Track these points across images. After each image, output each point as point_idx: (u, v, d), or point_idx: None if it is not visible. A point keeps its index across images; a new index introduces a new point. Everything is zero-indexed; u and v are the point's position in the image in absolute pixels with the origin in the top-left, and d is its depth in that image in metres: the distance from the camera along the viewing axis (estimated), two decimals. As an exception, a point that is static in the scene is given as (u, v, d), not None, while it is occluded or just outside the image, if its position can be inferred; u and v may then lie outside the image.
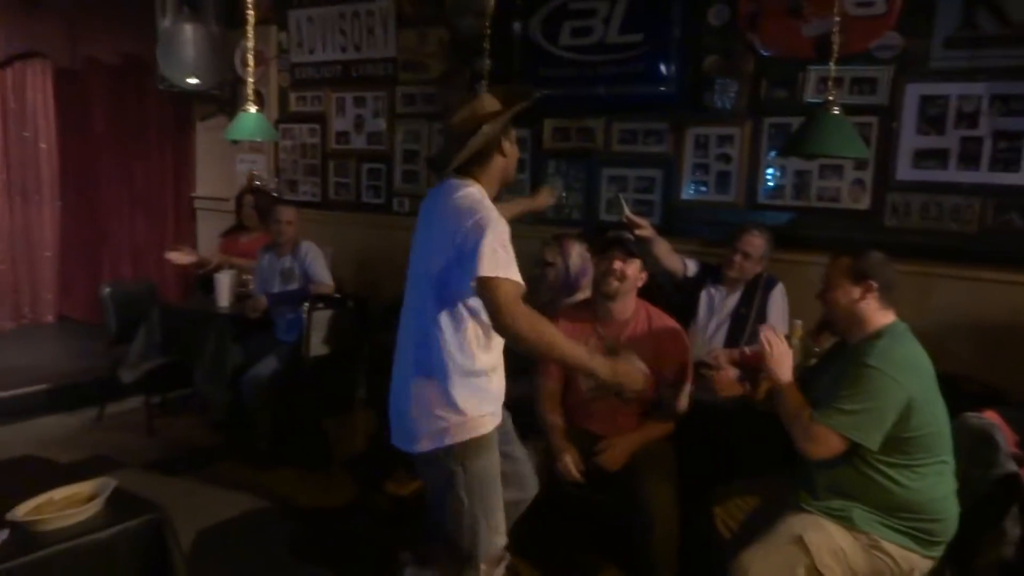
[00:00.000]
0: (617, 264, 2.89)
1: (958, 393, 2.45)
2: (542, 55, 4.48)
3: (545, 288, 3.52)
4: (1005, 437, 2.38)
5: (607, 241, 2.99)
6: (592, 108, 4.38)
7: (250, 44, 4.22)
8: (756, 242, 3.42)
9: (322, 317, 4.24)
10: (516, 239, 2.12)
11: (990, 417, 2.46)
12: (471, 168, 2.21)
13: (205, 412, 4.69)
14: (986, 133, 3.31)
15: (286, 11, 5.55)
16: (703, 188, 4.09)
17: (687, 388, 2.92)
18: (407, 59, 5.07)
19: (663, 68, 4.07)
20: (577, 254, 3.54)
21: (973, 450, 2.35)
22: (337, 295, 4.41)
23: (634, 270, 2.92)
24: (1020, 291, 3.21)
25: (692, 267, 3.62)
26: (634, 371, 2.17)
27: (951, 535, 2.24)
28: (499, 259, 2.01)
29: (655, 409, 2.94)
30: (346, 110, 5.41)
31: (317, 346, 4.22)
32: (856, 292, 2.31)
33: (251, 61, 4.25)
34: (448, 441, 2.16)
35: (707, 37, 3.96)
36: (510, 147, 2.26)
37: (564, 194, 4.41)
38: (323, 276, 4.39)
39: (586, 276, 3.44)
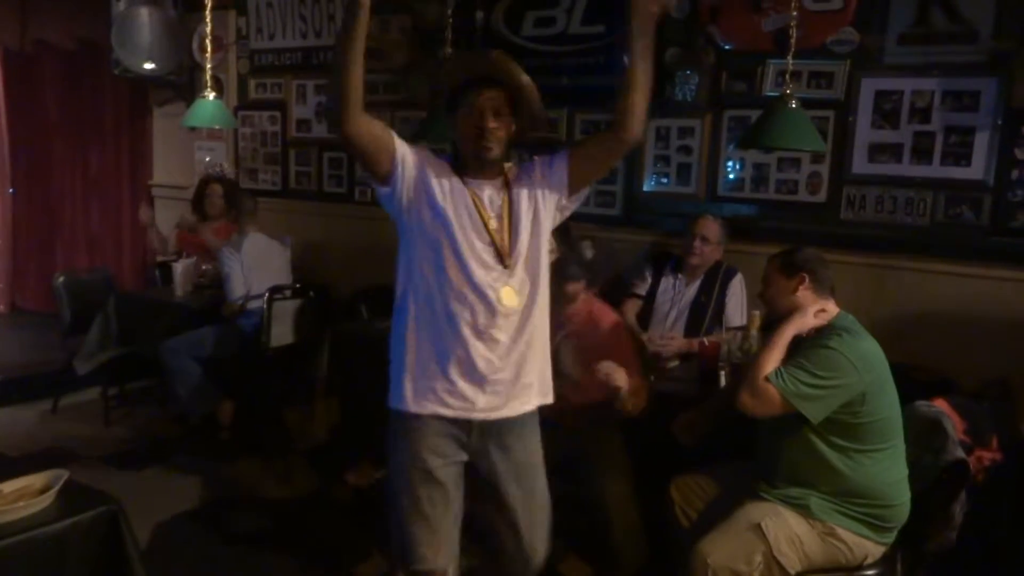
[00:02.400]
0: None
1: (909, 382, 2.49)
2: (505, 45, 4.46)
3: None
4: (954, 425, 2.44)
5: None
6: (556, 99, 4.37)
7: (208, 29, 4.15)
8: (712, 226, 3.48)
9: (284, 307, 4.20)
10: None
11: (939, 405, 2.52)
12: None
13: (164, 403, 4.62)
14: (938, 128, 3.37)
15: (245, -4, 5.46)
16: (664, 180, 4.12)
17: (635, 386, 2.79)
18: (369, 47, 4.88)
19: (624, 60, 4.07)
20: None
21: (923, 437, 2.41)
22: (298, 285, 4.37)
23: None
24: (969, 283, 3.28)
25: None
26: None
27: (903, 520, 2.30)
28: None
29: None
30: (307, 97, 5.34)
31: (278, 336, 4.18)
32: (791, 285, 2.39)
33: (209, 46, 4.18)
34: None
35: (668, 29, 3.96)
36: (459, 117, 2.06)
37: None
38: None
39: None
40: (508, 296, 2.01)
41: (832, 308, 2.38)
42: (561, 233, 2.98)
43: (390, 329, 2.14)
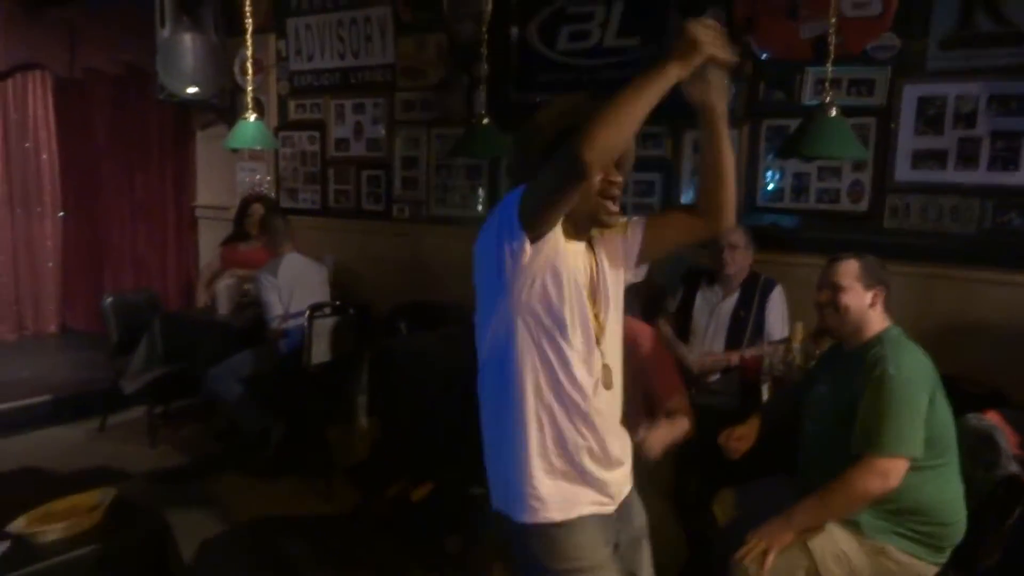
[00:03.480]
0: None
1: (959, 394, 2.43)
2: (540, 60, 4.51)
3: None
4: (1007, 438, 2.37)
5: None
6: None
7: (249, 52, 4.24)
8: (736, 232, 3.43)
9: (323, 325, 4.25)
10: None
11: (991, 418, 2.46)
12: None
13: (209, 421, 4.70)
14: (984, 133, 3.30)
15: (284, 19, 5.57)
16: (702, 191, 4.08)
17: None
18: (406, 65, 5.08)
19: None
20: None
21: (975, 452, 2.35)
22: (338, 303, 4.41)
23: None
24: (1019, 292, 3.21)
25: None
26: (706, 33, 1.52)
27: (958, 540, 2.23)
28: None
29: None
30: (345, 117, 5.42)
31: (319, 354, 4.23)
32: (868, 297, 2.33)
33: (250, 69, 4.27)
34: None
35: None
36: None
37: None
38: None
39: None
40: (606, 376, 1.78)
41: (887, 321, 2.34)
42: None
43: (480, 413, 1.85)
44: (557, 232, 1.64)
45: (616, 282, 1.82)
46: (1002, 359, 3.14)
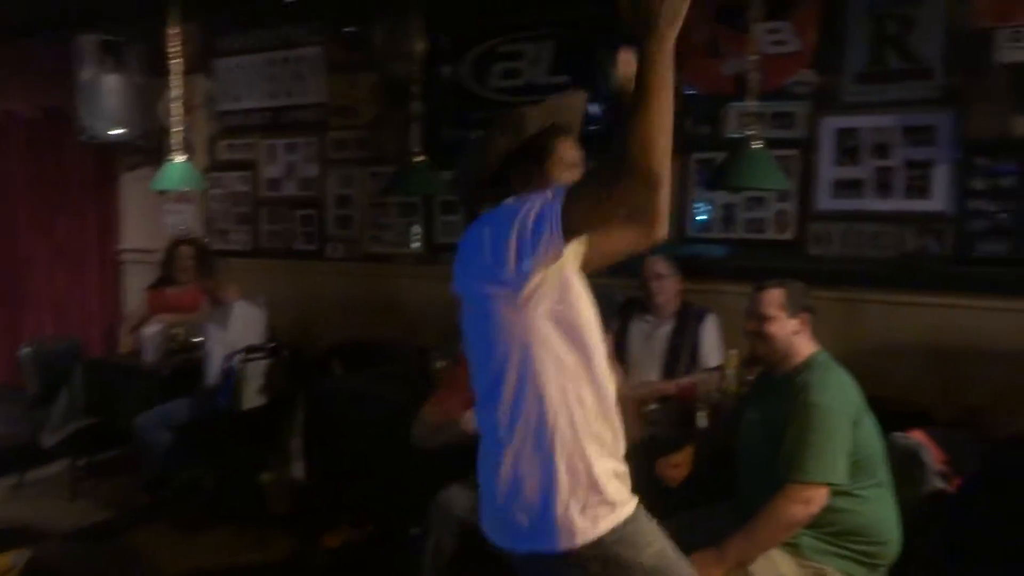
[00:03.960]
0: None
1: (885, 414, 2.51)
2: (473, 97, 4.57)
3: None
4: (931, 455, 2.45)
5: None
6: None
7: (175, 93, 4.19)
8: (658, 262, 3.49)
9: (256, 368, 4.16)
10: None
11: (917, 437, 2.54)
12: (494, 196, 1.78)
13: (136, 472, 4.52)
14: (898, 163, 3.46)
15: (212, 59, 5.53)
16: (634, 224, 4.16)
17: None
18: (338, 104, 5.08)
19: (591, 108, 4.16)
20: None
21: (902, 470, 2.42)
22: (271, 344, 4.33)
23: None
24: (937, 313, 3.34)
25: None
26: None
27: (894, 557, 2.29)
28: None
29: None
30: (277, 156, 5.38)
31: (251, 398, 4.13)
32: (793, 324, 2.39)
33: (177, 110, 4.22)
34: None
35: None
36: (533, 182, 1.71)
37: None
38: None
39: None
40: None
41: (814, 346, 2.41)
42: None
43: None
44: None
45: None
46: (924, 378, 3.26)
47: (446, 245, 4.72)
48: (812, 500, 2.18)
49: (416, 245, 4.84)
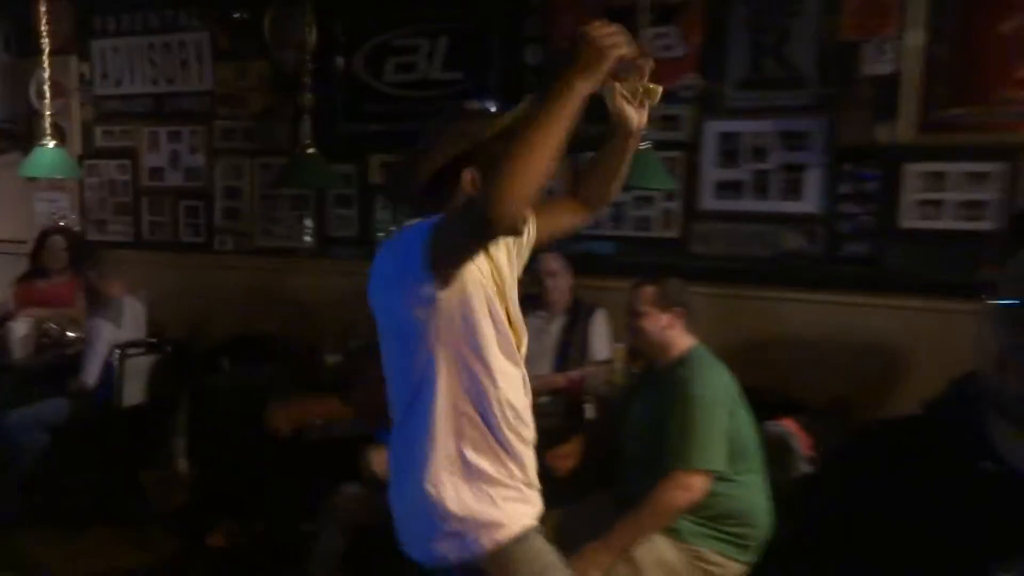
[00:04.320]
0: None
1: (760, 404, 2.65)
2: (367, 90, 4.52)
3: None
4: (800, 442, 2.62)
5: None
6: (418, 143, 4.43)
7: (47, 74, 3.99)
8: (551, 259, 3.57)
9: (136, 364, 4.02)
10: (350, 275, 2.04)
11: (787, 425, 2.70)
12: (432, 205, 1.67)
13: (6, 473, 4.27)
14: (774, 166, 3.65)
15: (88, 40, 5.26)
16: (528, 220, 4.23)
17: None
18: (225, 93, 4.93)
19: (487, 104, 4.21)
20: None
21: (773, 456, 2.57)
22: (153, 340, 4.19)
23: None
24: (809, 308, 3.52)
25: None
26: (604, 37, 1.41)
27: (766, 538, 2.42)
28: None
29: None
30: (160, 145, 5.18)
31: (131, 395, 3.99)
32: (664, 320, 2.49)
33: (48, 93, 4.01)
34: None
35: (525, 75, 4.13)
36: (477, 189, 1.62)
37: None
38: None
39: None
40: None
41: (692, 340, 2.52)
42: None
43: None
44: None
45: (515, 270, 1.76)
46: (796, 370, 3.42)
47: (339, 239, 4.67)
48: (693, 486, 2.30)
49: (308, 239, 4.76)
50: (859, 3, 3.44)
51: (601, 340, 3.56)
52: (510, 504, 1.66)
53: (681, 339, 2.50)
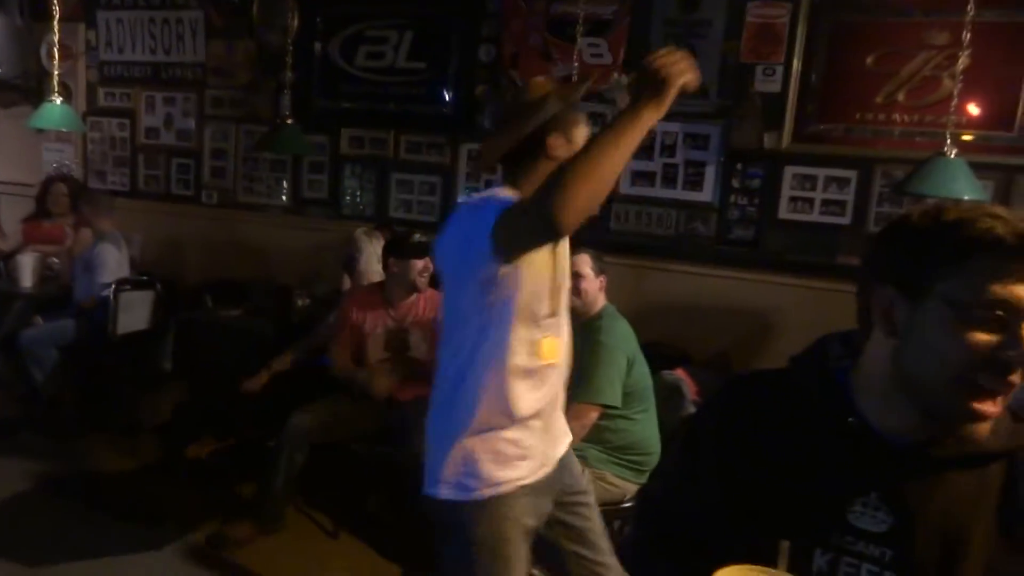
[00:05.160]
0: (424, 263, 2.82)
1: (657, 356, 2.68)
2: (341, 72, 4.34)
3: (357, 272, 3.40)
4: (689, 388, 2.65)
5: (411, 247, 2.86)
6: (384, 121, 4.29)
7: (55, 38, 3.69)
8: None
9: (130, 298, 3.83)
10: (319, 231, 1.96)
11: (679, 374, 2.73)
12: (514, 172, 1.56)
13: (9, 385, 4.04)
14: (680, 161, 3.64)
15: (95, 10, 4.89)
16: (475, 193, 4.15)
17: None
18: (215, 66, 4.66)
19: (442, 93, 4.10)
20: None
21: (666, 399, 2.60)
22: (144, 277, 3.99)
23: (430, 266, 2.85)
24: (702, 280, 3.55)
25: None
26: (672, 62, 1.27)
27: (655, 464, 2.46)
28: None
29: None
30: (156, 108, 4.87)
31: (127, 324, 3.80)
32: (599, 282, 2.48)
33: (56, 55, 3.71)
34: None
35: (478, 70, 4.02)
36: (561, 145, 1.52)
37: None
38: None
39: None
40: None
41: (604, 300, 2.51)
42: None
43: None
44: None
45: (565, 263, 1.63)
46: (688, 329, 3.47)
47: (311, 200, 4.50)
48: (587, 415, 2.31)
49: (284, 198, 4.58)
50: (754, 32, 3.43)
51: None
52: (512, 464, 1.54)
53: (601, 299, 2.49)
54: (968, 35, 2.48)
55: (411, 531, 2.81)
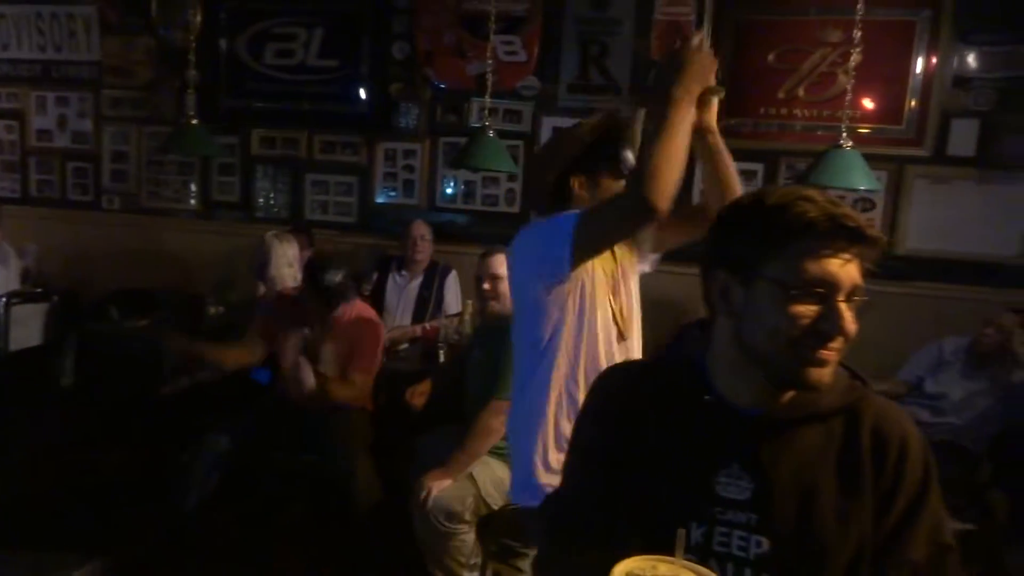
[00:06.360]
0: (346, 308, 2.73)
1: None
2: (248, 71, 4.15)
3: (269, 279, 3.23)
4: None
5: (335, 293, 2.72)
6: (296, 121, 4.14)
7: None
8: (421, 226, 3.53)
9: (23, 311, 3.54)
10: (231, 236, 1.85)
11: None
12: (557, 207, 1.59)
13: None
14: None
15: (-27, 4, 4.51)
16: (392, 193, 4.07)
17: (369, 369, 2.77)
18: (112, 64, 4.36)
19: (356, 91, 3.99)
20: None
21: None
22: (38, 290, 3.71)
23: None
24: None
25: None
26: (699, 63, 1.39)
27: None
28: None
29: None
30: (48, 109, 4.53)
31: (20, 339, 3.52)
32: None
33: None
34: None
35: (392, 68, 3.93)
36: (586, 192, 1.57)
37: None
38: None
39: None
40: None
41: None
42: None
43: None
44: None
45: (635, 276, 1.65)
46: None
47: (221, 203, 4.30)
48: (504, 412, 2.27)
49: (193, 202, 4.35)
50: (662, 30, 3.51)
51: (454, 296, 3.49)
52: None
53: None
54: (859, 32, 2.58)
55: (334, 543, 2.72)
